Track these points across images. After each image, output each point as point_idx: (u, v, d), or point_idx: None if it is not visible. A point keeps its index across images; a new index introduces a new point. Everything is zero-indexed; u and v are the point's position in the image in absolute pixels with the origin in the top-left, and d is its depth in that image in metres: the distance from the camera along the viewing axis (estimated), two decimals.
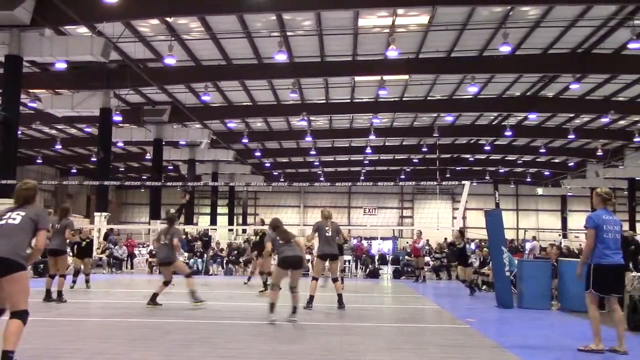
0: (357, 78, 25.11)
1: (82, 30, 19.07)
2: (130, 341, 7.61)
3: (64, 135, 34.78)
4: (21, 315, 5.30)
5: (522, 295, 11.96)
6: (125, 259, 23.58)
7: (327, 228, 11.38)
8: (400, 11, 18.64)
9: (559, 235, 43.73)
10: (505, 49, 19.26)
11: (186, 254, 23.18)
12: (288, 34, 20.17)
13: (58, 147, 35.48)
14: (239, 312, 11.12)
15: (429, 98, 28.08)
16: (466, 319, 10.06)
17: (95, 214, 23.59)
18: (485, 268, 16.74)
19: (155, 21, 19.07)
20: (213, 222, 39.88)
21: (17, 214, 5.56)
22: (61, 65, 19.93)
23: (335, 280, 11.51)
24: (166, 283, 11.42)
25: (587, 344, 7.30)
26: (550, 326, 9.88)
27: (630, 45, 18.72)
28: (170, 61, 20.06)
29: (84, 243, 15.68)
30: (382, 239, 35.69)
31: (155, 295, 11.18)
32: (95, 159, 39.20)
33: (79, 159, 42.26)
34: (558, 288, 11.87)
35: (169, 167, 42.35)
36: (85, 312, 10.98)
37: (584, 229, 7.54)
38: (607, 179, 40.64)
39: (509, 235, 49.28)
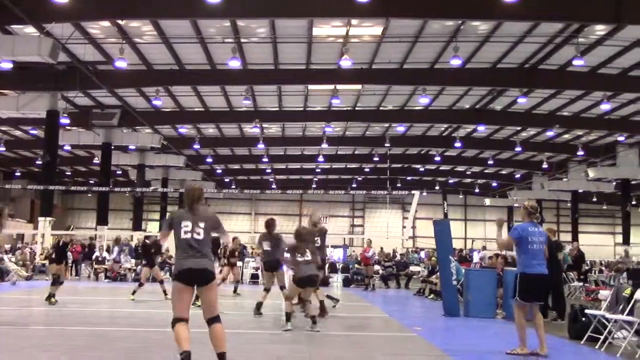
0: (310, 87, 25.20)
1: (30, 30, 18.58)
2: (73, 350, 7.42)
3: (8, 137, 33.73)
4: (220, 318, 5.92)
5: (469, 304, 12.16)
6: (70, 265, 22.96)
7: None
8: (354, 22, 18.80)
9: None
10: (456, 62, 19.65)
11: (133, 261, 22.76)
12: (242, 40, 20.09)
13: (1, 149, 34.38)
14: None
15: (381, 108, 28.40)
16: (413, 328, 10.18)
17: (40, 218, 22.91)
18: (433, 277, 16.96)
19: (106, 23, 18.69)
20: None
21: (199, 228, 5.84)
22: (6, 65, 19.30)
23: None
24: None
25: (513, 348, 7.67)
26: (494, 334, 10.09)
27: (575, 62, 19.40)
28: (121, 64, 19.74)
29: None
30: (333, 247, 35.77)
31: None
32: (40, 162, 38.23)
33: (24, 162, 41.03)
34: (503, 297, 12.13)
35: (118, 172, 41.53)
36: (27, 321, 10.65)
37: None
38: (552, 191, 41.94)
39: (457, 244, 50.16)
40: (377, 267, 22.76)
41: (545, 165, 37.31)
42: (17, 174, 44.18)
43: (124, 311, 12.03)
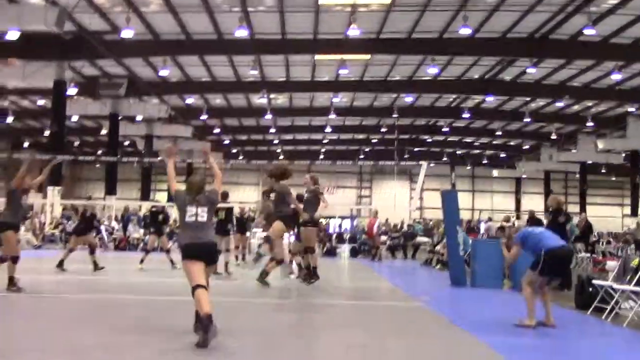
0: (317, 57, 24.99)
1: None
2: (84, 317, 7.51)
3: (15, 108, 33.76)
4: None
5: (475, 274, 12.18)
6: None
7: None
8: None
9: (513, 216, 44.73)
10: (465, 32, 19.45)
11: (142, 231, 22.92)
12: (249, 9, 19.89)
13: (9, 119, 34.41)
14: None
15: (389, 78, 28.18)
16: (420, 297, 10.23)
17: (48, 188, 23.01)
18: (439, 246, 16.97)
19: None
20: (170, 199, 39.38)
21: (203, 212, 6.35)
22: (13, 34, 19.10)
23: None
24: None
25: (521, 320, 7.60)
26: (501, 304, 10.13)
27: (586, 31, 19.13)
28: (127, 34, 19.59)
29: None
30: (341, 217, 35.86)
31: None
32: (48, 133, 38.22)
33: (31, 132, 41.11)
34: (510, 267, 12.09)
35: (126, 143, 41.54)
36: (38, 289, 10.72)
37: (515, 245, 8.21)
38: (560, 162, 41.73)
39: (465, 215, 50.10)
40: (384, 237, 22.84)
41: (554, 137, 37.01)
42: (25, 144, 44.26)
43: (133, 279, 12.14)
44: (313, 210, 11.22)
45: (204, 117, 33.54)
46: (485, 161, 50.03)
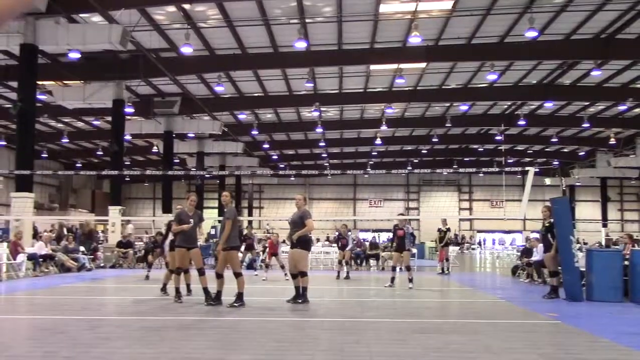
0: (372, 67, 24.62)
1: (96, 18, 18.57)
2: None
3: (71, 129, 34.21)
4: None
5: (592, 287, 11.05)
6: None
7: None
8: None
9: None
10: (531, 34, 18.80)
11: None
12: (307, 20, 19.63)
13: (65, 140, 34.87)
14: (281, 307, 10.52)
15: (443, 87, 27.63)
16: (547, 314, 9.27)
17: (110, 208, 23.01)
18: (537, 257, 15.93)
19: (171, 8, 18.53)
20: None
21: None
22: (75, 55, 19.22)
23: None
24: None
25: None
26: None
27: None
28: (186, 50, 19.55)
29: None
30: (386, 231, 35.26)
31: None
32: (100, 153, 38.77)
33: (84, 153, 41.70)
34: (630, 280, 10.93)
35: (175, 160, 41.83)
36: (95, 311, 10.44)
37: None
38: (617, 168, 40.42)
39: (515, 225, 49.03)
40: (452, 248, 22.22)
41: (612, 142, 35.81)
42: (78, 165, 44.96)
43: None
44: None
45: (254, 132, 33.42)
46: (537, 169, 48.68)
